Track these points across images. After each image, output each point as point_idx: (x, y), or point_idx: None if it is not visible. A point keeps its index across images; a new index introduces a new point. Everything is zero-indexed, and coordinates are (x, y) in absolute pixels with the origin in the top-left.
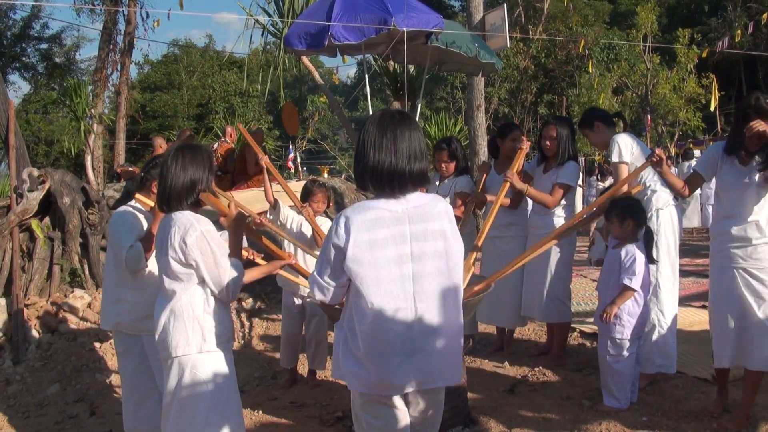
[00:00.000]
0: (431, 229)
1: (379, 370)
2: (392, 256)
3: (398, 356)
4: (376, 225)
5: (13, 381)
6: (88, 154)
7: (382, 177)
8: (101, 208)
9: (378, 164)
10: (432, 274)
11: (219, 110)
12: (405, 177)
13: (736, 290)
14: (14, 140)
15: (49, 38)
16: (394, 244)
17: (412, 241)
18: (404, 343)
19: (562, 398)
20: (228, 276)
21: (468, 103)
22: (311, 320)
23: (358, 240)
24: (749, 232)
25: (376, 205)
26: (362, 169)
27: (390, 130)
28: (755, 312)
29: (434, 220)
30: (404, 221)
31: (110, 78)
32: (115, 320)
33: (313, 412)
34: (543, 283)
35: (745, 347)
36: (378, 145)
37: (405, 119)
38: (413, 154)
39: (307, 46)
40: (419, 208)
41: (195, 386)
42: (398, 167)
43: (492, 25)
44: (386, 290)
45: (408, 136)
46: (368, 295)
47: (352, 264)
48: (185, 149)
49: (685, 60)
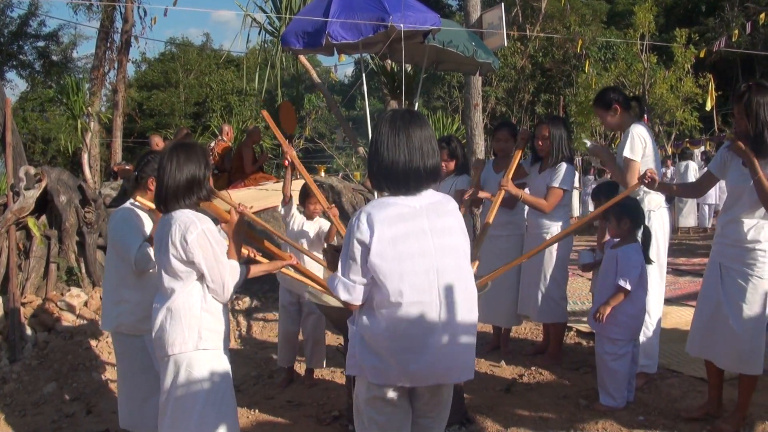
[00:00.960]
0: (447, 225)
1: (403, 363)
2: (415, 250)
3: (423, 349)
4: (397, 220)
5: (9, 379)
6: (85, 152)
7: (398, 175)
8: (98, 206)
9: (393, 163)
10: (452, 268)
11: (216, 109)
12: (420, 174)
13: (717, 286)
14: (11, 138)
15: (46, 36)
16: (415, 238)
17: (432, 235)
18: (430, 336)
19: (558, 397)
20: (228, 274)
21: (465, 102)
22: (308, 318)
23: (382, 235)
24: (743, 234)
25: (396, 202)
26: (377, 170)
27: (402, 129)
28: (727, 314)
29: (448, 216)
30: (423, 216)
31: (107, 76)
32: (116, 321)
33: (310, 411)
34: (538, 284)
35: (715, 344)
36: (391, 144)
37: (416, 117)
38: (426, 151)
39: (304, 45)
40: (435, 205)
41: (190, 385)
42: (413, 165)
43: (489, 24)
44: (411, 283)
45: (420, 133)
46: (393, 289)
47: (376, 258)
48: (180, 148)
49: (683, 60)
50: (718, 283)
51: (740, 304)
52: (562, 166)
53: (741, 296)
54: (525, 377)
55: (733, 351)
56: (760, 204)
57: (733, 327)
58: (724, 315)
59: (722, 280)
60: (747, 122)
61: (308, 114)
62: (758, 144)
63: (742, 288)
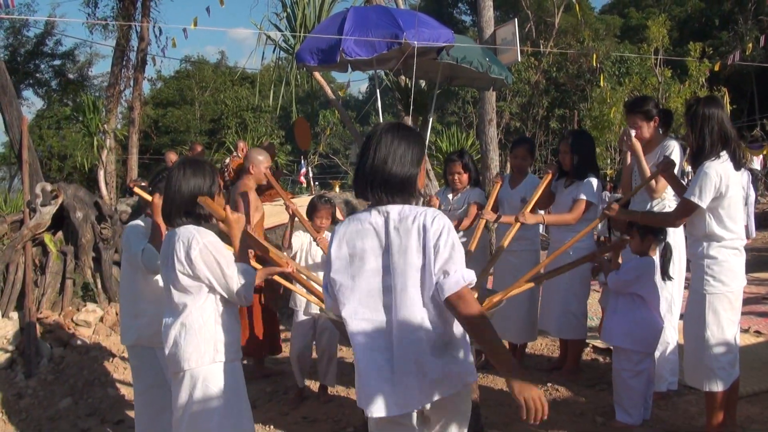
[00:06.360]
0: (407, 244)
1: (364, 387)
2: (370, 269)
3: (377, 373)
4: (357, 236)
5: (25, 394)
6: (101, 169)
7: (363, 180)
8: (114, 222)
9: (360, 168)
10: (407, 287)
11: (231, 125)
12: (381, 183)
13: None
14: (27, 155)
15: (62, 55)
16: (373, 257)
17: (389, 254)
18: (381, 356)
19: (574, 414)
20: (236, 284)
21: (479, 118)
22: (322, 334)
23: (339, 252)
24: (694, 250)
25: (360, 217)
26: (353, 176)
27: (376, 137)
28: (686, 329)
29: (411, 233)
30: (382, 233)
31: (123, 94)
32: (135, 335)
33: (325, 427)
34: (559, 299)
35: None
36: (364, 150)
37: (395, 128)
38: (395, 159)
39: (318, 62)
40: (400, 221)
41: (207, 400)
42: (373, 170)
43: (503, 39)
44: (361, 301)
45: (392, 141)
46: (346, 305)
47: (334, 275)
48: (187, 163)
49: (697, 73)
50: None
51: (688, 318)
52: (587, 179)
53: (689, 311)
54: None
55: (687, 363)
56: (702, 221)
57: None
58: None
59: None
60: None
61: (323, 130)
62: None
63: (690, 302)
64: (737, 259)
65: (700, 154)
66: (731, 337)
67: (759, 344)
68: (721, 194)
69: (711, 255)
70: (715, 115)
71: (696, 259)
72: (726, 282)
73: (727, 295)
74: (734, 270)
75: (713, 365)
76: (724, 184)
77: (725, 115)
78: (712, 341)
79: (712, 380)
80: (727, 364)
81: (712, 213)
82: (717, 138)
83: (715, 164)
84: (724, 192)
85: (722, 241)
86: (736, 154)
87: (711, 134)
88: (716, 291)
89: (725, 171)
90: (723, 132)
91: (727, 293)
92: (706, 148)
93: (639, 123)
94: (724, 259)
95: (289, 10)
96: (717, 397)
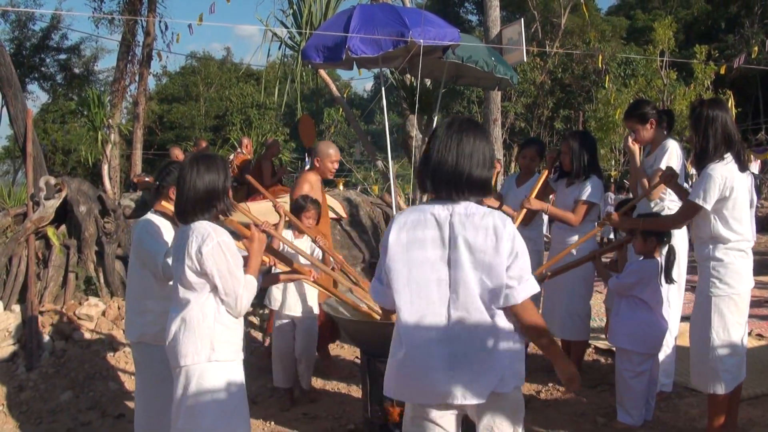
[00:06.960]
0: (473, 240)
1: (414, 376)
2: (428, 259)
3: (431, 363)
4: (417, 226)
5: (26, 387)
6: (105, 163)
7: (442, 178)
8: (117, 217)
9: (439, 164)
10: (469, 283)
11: (236, 122)
12: (462, 180)
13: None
14: (32, 149)
15: (67, 49)
16: (432, 247)
17: (450, 247)
18: (437, 349)
19: (576, 415)
20: (241, 288)
21: (484, 118)
22: (299, 336)
23: (398, 238)
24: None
25: (422, 208)
26: (424, 169)
27: (456, 133)
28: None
29: (479, 230)
30: (445, 226)
31: (128, 89)
32: (140, 331)
33: (326, 424)
34: (562, 300)
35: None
36: (442, 146)
37: (473, 126)
38: (476, 161)
39: (324, 59)
40: (467, 217)
41: (201, 395)
42: (458, 170)
43: (509, 39)
44: (417, 291)
45: (473, 141)
46: (400, 294)
47: (390, 262)
48: (201, 159)
49: (702, 76)
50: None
51: (694, 320)
52: (589, 179)
53: (695, 313)
54: (542, 394)
55: (693, 366)
56: (708, 223)
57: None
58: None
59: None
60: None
61: (327, 128)
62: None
63: (696, 304)
64: (744, 261)
65: (704, 156)
66: (737, 339)
67: (761, 347)
68: (725, 196)
69: (717, 257)
70: (719, 117)
71: (702, 261)
72: (732, 284)
73: (733, 298)
74: (740, 272)
75: (717, 367)
76: (728, 186)
77: (729, 118)
78: (717, 343)
79: (716, 382)
80: (732, 367)
81: (717, 215)
82: (721, 140)
83: (719, 166)
84: (729, 194)
85: (728, 243)
86: (740, 156)
87: (715, 136)
88: (722, 293)
89: (729, 173)
90: (727, 134)
91: (733, 295)
92: (710, 150)
93: (635, 127)
94: (730, 261)
95: (295, 6)
96: (720, 399)
